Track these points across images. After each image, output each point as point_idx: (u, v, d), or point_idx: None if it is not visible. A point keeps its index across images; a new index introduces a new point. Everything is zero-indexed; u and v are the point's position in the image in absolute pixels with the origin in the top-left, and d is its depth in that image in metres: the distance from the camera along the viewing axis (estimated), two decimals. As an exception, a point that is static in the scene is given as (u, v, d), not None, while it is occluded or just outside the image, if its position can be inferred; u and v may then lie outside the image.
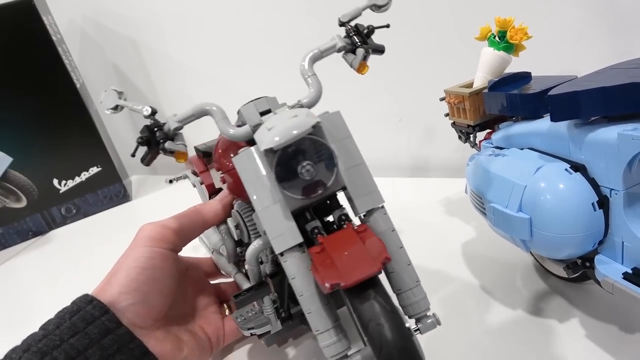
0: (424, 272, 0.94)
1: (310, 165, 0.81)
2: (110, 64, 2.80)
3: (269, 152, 0.82)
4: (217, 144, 1.15)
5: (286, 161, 0.81)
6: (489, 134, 1.30)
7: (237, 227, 1.14)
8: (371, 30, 1.03)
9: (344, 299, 0.87)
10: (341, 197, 0.91)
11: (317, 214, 0.91)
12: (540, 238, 0.99)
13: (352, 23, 1.03)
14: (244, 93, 2.43)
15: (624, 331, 1.07)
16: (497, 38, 1.27)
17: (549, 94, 0.94)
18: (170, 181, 1.62)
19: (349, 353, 0.84)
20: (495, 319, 1.18)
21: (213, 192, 1.48)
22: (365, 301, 0.76)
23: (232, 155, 0.93)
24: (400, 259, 0.87)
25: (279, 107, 0.93)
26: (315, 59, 0.99)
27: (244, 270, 1.29)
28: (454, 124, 1.36)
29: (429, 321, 0.85)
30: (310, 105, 0.94)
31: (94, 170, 2.41)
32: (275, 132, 0.79)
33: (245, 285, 1.20)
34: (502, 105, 1.15)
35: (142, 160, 0.97)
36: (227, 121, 0.93)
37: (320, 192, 0.85)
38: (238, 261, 1.30)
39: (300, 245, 0.86)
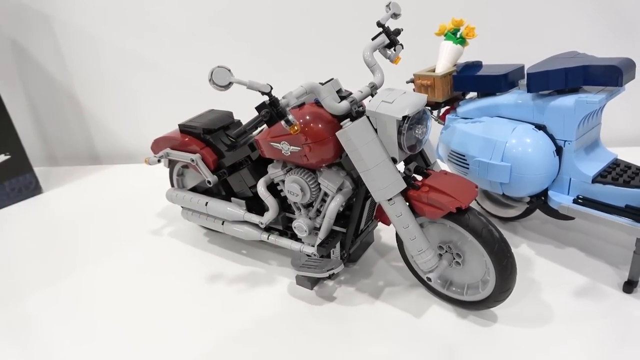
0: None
1: (423, 127, 1.17)
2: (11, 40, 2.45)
3: (400, 119, 1.10)
4: (298, 119, 1.24)
5: (411, 125, 1.13)
6: (449, 109, 1.64)
7: (301, 190, 1.33)
8: (399, 32, 1.36)
9: (446, 222, 1.20)
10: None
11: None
12: (516, 180, 1.35)
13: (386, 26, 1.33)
14: (172, 73, 2.41)
15: (556, 247, 1.50)
16: (452, 34, 1.61)
17: (528, 72, 1.31)
18: (159, 160, 1.60)
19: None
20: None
21: (216, 167, 1.53)
22: (473, 217, 1.13)
23: (322, 127, 1.20)
24: None
25: (341, 88, 1.22)
26: (373, 50, 1.29)
27: (265, 235, 1.50)
28: (421, 102, 1.67)
29: None
30: (381, 84, 1.26)
31: (1, 158, 2.11)
32: (405, 103, 1.11)
33: (287, 242, 1.46)
34: (472, 84, 1.49)
35: (239, 137, 1.04)
36: (332, 98, 1.14)
37: (419, 148, 1.19)
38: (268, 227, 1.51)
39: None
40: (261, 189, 1.38)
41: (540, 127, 1.35)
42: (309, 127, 1.20)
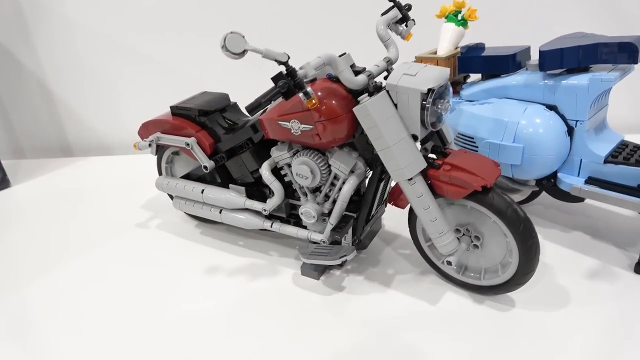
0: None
1: (446, 103, 1.11)
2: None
3: (425, 92, 1.05)
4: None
5: (435, 98, 1.07)
6: (454, 92, 1.60)
7: (311, 172, 1.25)
8: (409, 7, 1.29)
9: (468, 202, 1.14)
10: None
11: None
12: (528, 161, 1.32)
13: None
14: (153, 58, 2.26)
15: (562, 231, 1.49)
16: (456, 16, 1.58)
17: (541, 49, 1.28)
18: (149, 145, 1.48)
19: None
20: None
21: (212, 152, 1.43)
22: (497, 196, 1.09)
23: (337, 103, 1.12)
24: None
25: (352, 61, 1.17)
26: (387, 24, 1.23)
27: (268, 223, 1.42)
28: (422, 86, 1.63)
29: None
30: (397, 59, 1.20)
31: (-36, 148, 1.93)
32: (426, 76, 1.06)
33: (293, 230, 1.38)
34: (479, 65, 1.46)
35: (254, 110, 0.96)
36: (349, 71, 1.07)
37: (439, 125, 1.14)
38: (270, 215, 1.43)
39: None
40: (265, 172, 1.30)
41: (551, 107, 1.32)
42: (323, 103, 1.13)
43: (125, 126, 2.40)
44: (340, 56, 1.13)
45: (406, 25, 1.28)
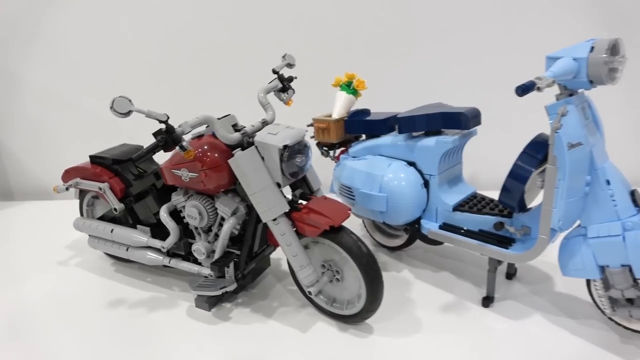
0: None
1: (303, 157, 1.35)
2: None
3: (281, 148, 1.28)
4: (194, 148, 1.38)
5: (291, 154, 1.30)
6: (343, 150, 1.85)
7: (199, 214, 1.45)
8: (292, 79, 1.56)
9: (324, 240, 1.36)
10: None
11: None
12: (391, 208, 1.55)
13: (280, 73, 1.54)
14: (89, 109, 2.49)
15: (432, 272, 1.70)
16: (348, 86, 1.86)
17: (398, 116, 1.55)
18: (67, 189, 1.66)
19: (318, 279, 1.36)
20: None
21: (124, 196, 1.62)
22: (345, 235, 1.30)
23: (216, 155, 1.35)
24: None
25: (238, 122, 1.42)
26: (266, 92, 1.48)
27: (167, 259, 1.58)
28: (318, 144, 1.87)
29: None
30: (272, 121, 1.44)
31: None
32: (286, 135, 1.30)
33: (186, 265, 1.55)
34: (360, 128, 1.72)
35: (138, 160, 1.17)
36: (225, 130, 1.29)
37: (300, 175, 1.36)
38: (168, 251, 1.60)
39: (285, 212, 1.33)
40: (163, 214, 1.49)
41: (411, 163, 1.58)
42: (205, 155, 1.35)
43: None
44: (224, 117, 1.37)
45: (287, 94, 1.53)
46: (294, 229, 1.34)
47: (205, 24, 2.41)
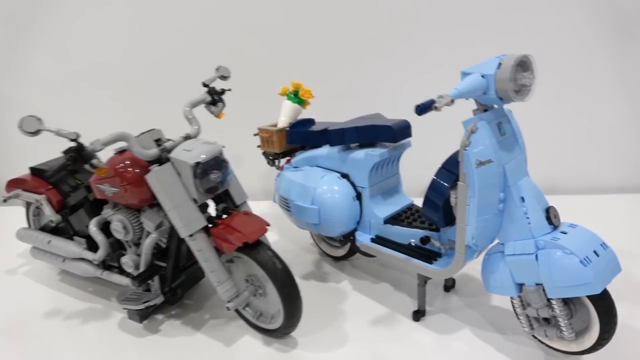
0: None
1: (218, 173, 1.32)
2: None
3: (193, 165, 1.26)
4: (113, 164, 1.39)
5: (205, 170, 1.29)
6: (288, 160, 1.84)
7: (124, 228, 1.45)
8: (223, 91, 1.54)
9: (241, 256, 1.34)
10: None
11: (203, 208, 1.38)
12: (324, 221, 1.54)
13: (211, 86, 1.52)
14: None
15: (372, 282, 1.69)
16: (293, 94, 1.85)
17: (328, 129, 1.54)
18: (5, 200, 1.68)
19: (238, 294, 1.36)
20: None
21: (62, 208, 1.63)
22: (261, 251, 1.30)
23: (136, 170, 1.35)
24: None
25: (164, 137, 1.38)
26: (192, 106, 1.46)
27: (99, 271, 1.59)
28: (264, 153, 1.87)
29: None
30: (196, 136, 1.42)
31: None
32: (199, 151, 1.28)
33: (117, 277, 1.54)
34: (299, 138, 1.70)
35: (51, 177, 1.18)
36: (140, 146, 1.29)
37: (218, 191, 1.35)
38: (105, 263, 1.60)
39: (203, 228, 1.32)
40: (92, 227, 1.50)
41: (345, 175, 1.56)
42: (125, 171, 1.35)
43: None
44: (147, 132, 1.37)
45: (217, 106, 1.52)
46: (215, 245, 1.34)
47: (160, 33, 2.41)
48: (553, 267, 1.13)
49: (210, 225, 1.34)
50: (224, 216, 1.39)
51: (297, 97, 1.83)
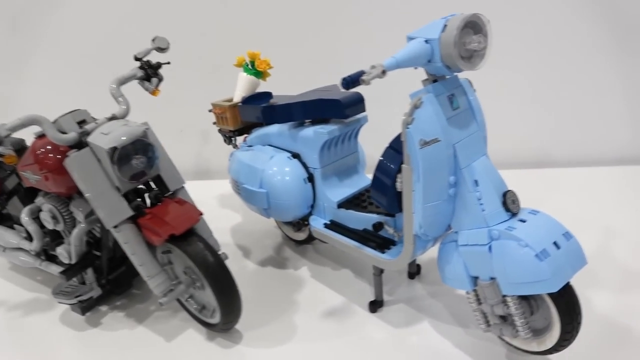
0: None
1: (141, 158, 1.19)
2: None
3: (109, 150, 1.13)
4: (33, 150, 1.27)
5: (125, 155, 1.16)
6: (245, 137, 1.71)
7: (53, 218, 1.34)
8: (159, 65, 1.39)
9: (173, 247, 1.22)
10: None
11: (138, 195, 1.28)
12: (274, 206, 1.41)
13: (145, 59, 1.37)
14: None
15: (333, 269, 1.57)
16: (249, 66, 1.69)
17: (269, 105, 1.39)
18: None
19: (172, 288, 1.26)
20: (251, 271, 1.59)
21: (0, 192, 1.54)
22: (191, 243, 1.18)
23: (58, 156, 1.21)
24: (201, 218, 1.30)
25: (90, 118, 1.25)
26: (121, 83, 1.31)
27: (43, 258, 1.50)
28: (220, 130, 1.73)
29: (221, 253, 1.28)
30: (123, 117, 1.28)
31: None
32: (117, 134, 1.14)
33: (54, 268, 1.43)
34: (250, 114, 1.56)
35: None
36: (55, 129, 1.16)
37: (144, 177, 1.23)
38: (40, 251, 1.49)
39: (129, 218, 1.20)
40: (24, 216, 1.39)
41: (295, 155, 1.43)
42: (44, 157, 1.23)
43: None
44: (69, 113, 1.24)
45: (151, 82, 1.38)
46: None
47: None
48: (506, 260, 0.99)
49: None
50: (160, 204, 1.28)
51: (253, 68, 1.68)
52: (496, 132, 2.31)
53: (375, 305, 1.37)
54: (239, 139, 1.71)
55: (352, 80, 0.93)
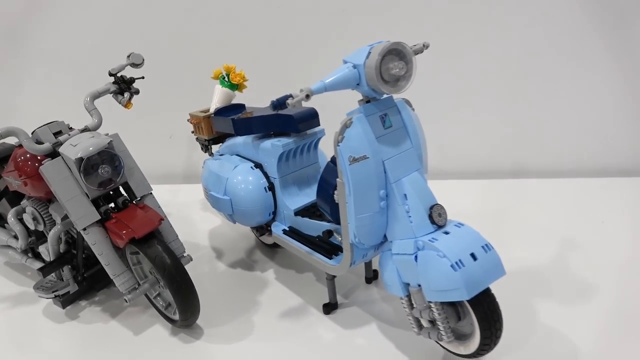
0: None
1: (106, 168, 1.31)
2: None
3: (77, 160, 1.25)
4: (14, 157, 1.42)
5: (91, 165, 1.28)
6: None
7: (34, 219, 1.47)
8: (132, 80, 1.49)
9: (136, 250, 1.32)
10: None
11: (110, 200, 1.39)
12: (238, 212, 1.52)
13: (119, 74, 1.48)
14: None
15: (297, 272, 1.67)
16: (225, 78, 1.80)
17: (232, 118, 1.49)
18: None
19: (137, 286, 1.38)
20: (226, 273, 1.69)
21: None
22: (151, 246, 1.29)
23: (36, 164, 1.34)
24: (166, 222, 1.41)
25: (67, 129, 1.38)
26: (94, 97, 1.43)
27: (30, 255, 1.65)
28: (197, 139, 1.84)
29: (185, 255, 1.44)
30: (95, 129, 1.40)
31: None
32: (84, 146, 1.26)
33: (37, 264, 1.56)
34: (222, 125, 1.67)
35: None
36: (31, 140, 1.29)
37: (111, 185, 1.34)
38: (26, 249, 1.62)
39: (98, 221, 1.33)
40: (10, 217, 1.53)
41: (258, 165, 1.52)
42: (24, 164, 1.37)
43: None
44: (48, 124, 1.36)
45: (124, 96, 1.50)
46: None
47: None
48: (428, 269, 1.07)
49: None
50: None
51: (229, 81, 1.79)
52: (472, 142, 2.38)
53: (328, 308, 1.45)
54: (215, 148, 1.82)
55: (279, 104, 1.03)
